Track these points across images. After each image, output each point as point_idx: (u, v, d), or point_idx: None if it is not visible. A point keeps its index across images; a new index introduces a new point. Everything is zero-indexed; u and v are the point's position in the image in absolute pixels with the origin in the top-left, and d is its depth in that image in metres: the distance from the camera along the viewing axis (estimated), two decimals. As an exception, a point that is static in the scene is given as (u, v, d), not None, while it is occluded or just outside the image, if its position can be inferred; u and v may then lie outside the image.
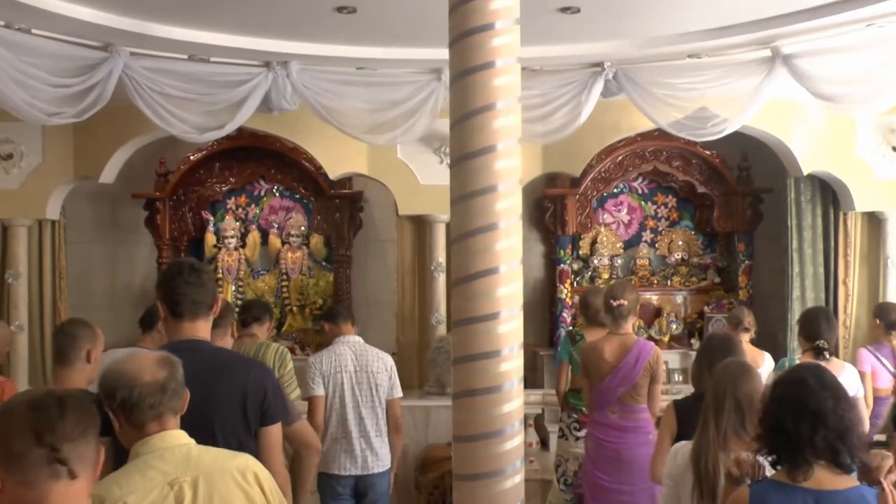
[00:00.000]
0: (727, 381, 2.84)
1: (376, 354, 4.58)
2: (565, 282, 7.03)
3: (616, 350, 4.44)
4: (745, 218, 7.07)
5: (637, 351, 4.37)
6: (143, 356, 2.22)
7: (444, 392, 6.20)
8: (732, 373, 2.87)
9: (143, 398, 2.11)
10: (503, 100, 3.32)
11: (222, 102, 5.57)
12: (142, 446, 2.12)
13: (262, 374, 2.72)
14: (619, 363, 4.40)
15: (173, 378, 2.17)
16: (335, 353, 4.54)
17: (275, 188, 7.37)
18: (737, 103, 5.62)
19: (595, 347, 4.54)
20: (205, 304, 2.70)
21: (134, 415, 2.12)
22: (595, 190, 7.17)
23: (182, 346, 2.57)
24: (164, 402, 2.14)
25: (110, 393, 2.13)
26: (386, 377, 4.55)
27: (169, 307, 2.68)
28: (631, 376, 4.34)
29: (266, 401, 2.65)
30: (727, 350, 3.41)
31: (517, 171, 3.41)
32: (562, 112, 5.80)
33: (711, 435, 2.80)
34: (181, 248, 7.26)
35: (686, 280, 7.24)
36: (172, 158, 7.12)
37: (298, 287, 7.14)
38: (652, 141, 6.98)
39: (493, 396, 3.27)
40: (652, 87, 5.68)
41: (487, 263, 3.31)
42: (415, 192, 6.59)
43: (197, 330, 2.69)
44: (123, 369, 2.15)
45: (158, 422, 2.14)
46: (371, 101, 5.85)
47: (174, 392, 2.16)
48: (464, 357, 3.33)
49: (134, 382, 2.12)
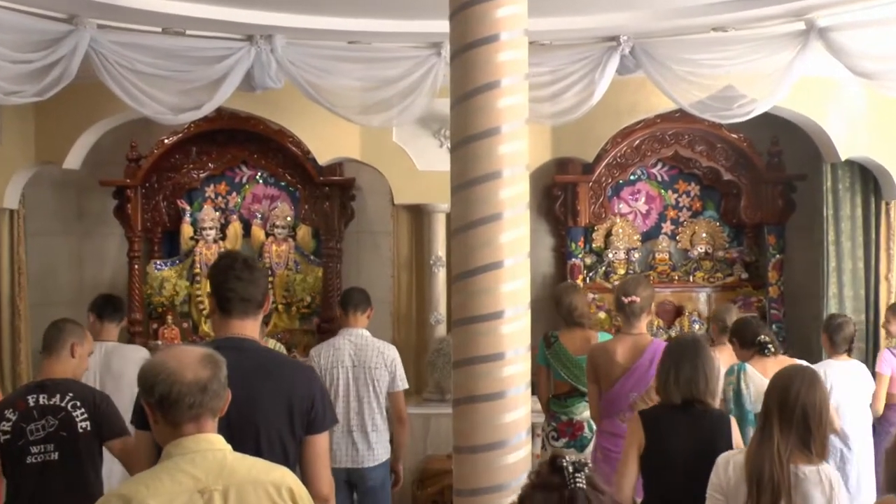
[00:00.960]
0: (795, 389, 2.86)
1: (377, 349, 4.89)
2: (577, 277, 7.03)
3: (628, 351, 4.45)
4: (776, 208, 7.07)
5: (652, 352, 4.38)
6: (188, 351, 2.27)
7: (444, 399, 6.21)
8: (800, 379, 2.89)
9: (182, 397, 2.16)
10: (509, 77, 3.33)
11: (200, 80, 5.57)
12: (174, 447, 2.18)
13: (310, 379, 2.84)
14: (632, 365, 4.41)
15: (216, 378, 2.22)
16: (334, 346, 4.89)
17: (258, 175, 7.38)
18: (767, 81, 5.62)
19: (605, 349, 4.56)
20: (255, 302, 2.80)
21: (171, 413, 2.17)
22: (610, 177, 7.17)
23: (228, 345, 2.68)
24: (204, 403, 2.19)
25: (149, 387, 2.19)
26: (385, 372, 4.87)
27: (218, 303, 2.80)
28: (645, 379, 4.35)
29: (314, 409, 2.76)
30: (695, 354, 3.43)
31: (524, 155, 3.42)
32: (573, 91, 5.80)
33: (777, 446, 2.81)
34: (154, 240, 7.27)
35: (710, 276, 7.25)
36: (144, 142, 7.12)
37: (284, 283, 7.16)
38: (672, 123, 6.98)
39: (497, 403, 3.29)
40: (672, 63, 5.68)
41: (491, 257, 3.32)
42: (412, 179, 6.59)
43: (245, 328, 2.80)
44: (164, 364, 2.20)
45: (196, 423, 2.19)
46: (364, 78, 5.85)
47: (215, 393, 2.21)
48: (465, 360, 3.35)
49: (174, 379, 2.17)
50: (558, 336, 5.12)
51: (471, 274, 3.34)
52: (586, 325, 5.18)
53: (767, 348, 4.54)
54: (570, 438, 5.07)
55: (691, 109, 5.88)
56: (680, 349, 3.53)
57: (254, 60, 5.59)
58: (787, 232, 7.15)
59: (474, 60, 3.31)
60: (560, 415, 5.10)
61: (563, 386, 5.11)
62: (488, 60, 3.30)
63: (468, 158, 3.35)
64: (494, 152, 3.32)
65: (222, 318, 2.80)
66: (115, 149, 7.10)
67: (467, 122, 3.35)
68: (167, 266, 7.15)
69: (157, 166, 7.13)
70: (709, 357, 3.48)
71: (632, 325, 4.49)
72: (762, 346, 4.55)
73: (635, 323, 4.48)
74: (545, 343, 5.17)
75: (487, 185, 3.32)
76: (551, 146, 6.70)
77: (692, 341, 3.63)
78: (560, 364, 5.07)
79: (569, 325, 5.11)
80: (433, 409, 6.27)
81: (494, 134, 3.31)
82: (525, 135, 3.41)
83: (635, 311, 4.44)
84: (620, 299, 4.49)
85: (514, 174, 3.36)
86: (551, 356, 5.10)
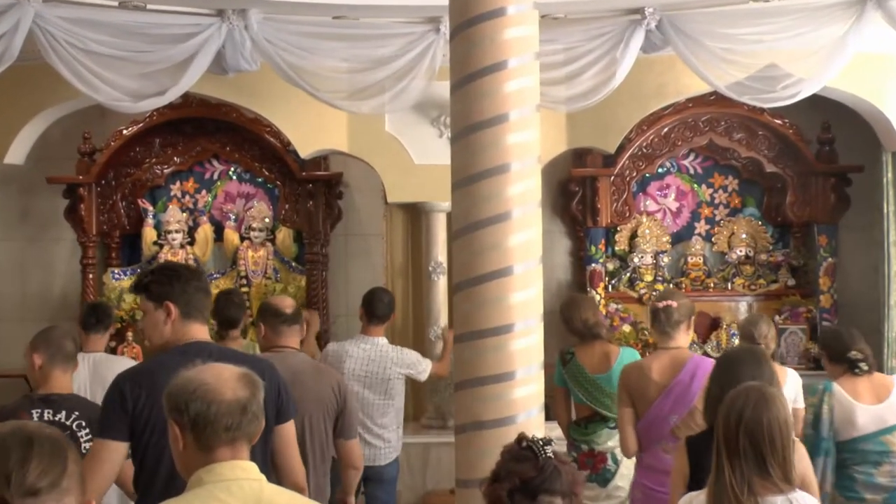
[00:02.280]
0: (736, 412, 2.84)
1: (391, 360, 5.30)
2: (598, 285, 7.06)
3: (666, 367, 4.44)
4: (828, 204, 7.09)
5: (693, 367, 4.36)
6: (225, 368, 2.33)
7: (446, 425, 6.23)
8: (744, 400, 2.85)
9: (219, 417, 2.21)
10: (517, 56, 3.36)
11: (163, 62, 5.60)
12: (207, 473, 2.20)
13: (272, 369, 3.22)
14: (671, 382, 4.41)
15: (255, 400, 2.27)
16: (348, 354, 5.28)
17: (231, 170, 7.40)
18: (815, 59, 5.65)
19: (638, 367, 4.55)
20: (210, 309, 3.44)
21: (205, 435, 2.21)
22: (635, 170, 7.20)
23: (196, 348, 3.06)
24: (242, 427, 2.23)
25: (181, 405, 2.23)
26: (401, 383, 5.39)
27: (182, 309, 3.21)
28: (686, 398, 4.31)
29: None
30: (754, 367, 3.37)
31: (535, 146, 3.45)
32: (591, 72, 5.82)
33: (727, 481, 2.81)
34: (112, 245, 7.29)
35: (751, 283, 7.27)
36: (100, 133, 7.15)
37: (262, 293, 7.17)
38: (706, 108, 7.01)
39: (506, 430, 3.30)
40: (706, 38, 5.70)
41: (499, 263, 3.34)
42: (407, 175, 6.62)
43: (202, 332, 3.28)
44: (202, 380, 2.25)
45: (231, 448, 2.23)
46: (351, 58, 5.87)
47: (254, 416, 2.26)
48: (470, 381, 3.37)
49: (213, 397, 2.22)
50: (574, 352, 5.13)
51: (475, 282, 3.36)
52: (604, 336, 5.21)
53: (858, 366, 4.47)
54: (592, 472, 5.06)
55: (728, 92, 5.90)
56: (733, 362, 3.46)
57: (225, 39, 5.61)
58: (841, 232, 7.17)
59: (478, 37, 3.34)
60: (580, 443, 5.09)
61: (583, 410, 5.13)
62: (494, 37, 3.33)
63: (471, 150, 3.38)
64: (502, 142, 3.35)
65: (184, 324, 3.20)
66: (64, 141, 7.13)
67: (470, 108, 3.38)
68: (126, 275, 7.16)
69: (115, 161, 7.16)
70: (769, 372, 3.42)
71: (669, 337, 4.47)
72: (852, 363, 4.48)
73: (673, 335, 4.46)
74: (561, 361, 5.18)
75: (494, 181, 3.35)
76: (567, 135, 6.72)
77: (749, 353, 3.58)
78: (577, 385, 5.08)
79: (585, 340, 5.12)
80: (433, 438, 6.29)
81: (501, 122, 3.34)
82: (536, 123, 3.44)
83: (671, 319, 4.41)
84: (654, 306, 4.47)
85: (524, 167, 3.39)
86: (568, 375, 5.11)
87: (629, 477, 4.89)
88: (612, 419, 4.98)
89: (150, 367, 3.24)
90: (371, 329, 5.36)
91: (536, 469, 2.15)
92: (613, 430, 4.99)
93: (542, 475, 2.15)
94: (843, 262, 7.16)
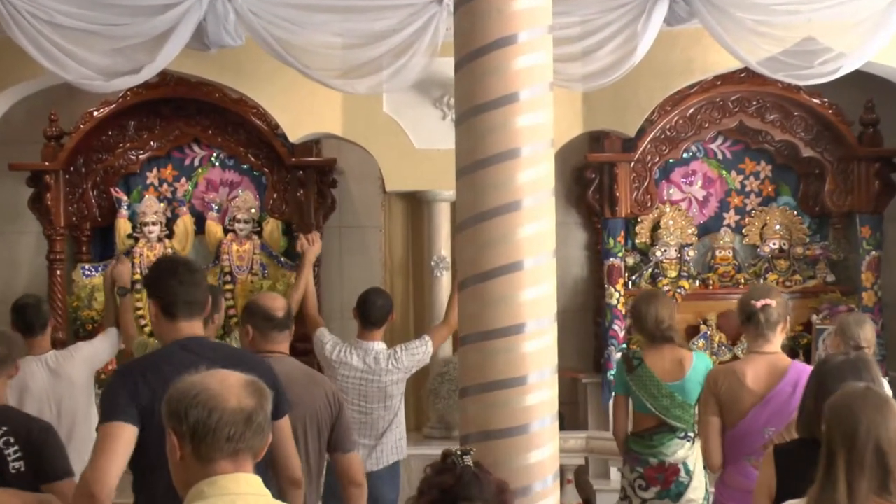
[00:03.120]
0: (865, 419, 2.78)
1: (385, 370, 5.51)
2: (617, 282, 7.06)
3: (763, 374, 4.40)
4: (871, 192, 7.09)
5: (795, 376, 4.32)
6: (229, 374, 2.34)
7: (450, 435, 6.25)
8: (873, 408, 2.80)
9: (221, 426, 2.22)
10: (528, 30, 3.37)
11: (138, 36, 5.60)
12: (209, 486, 2.22)
13: (268, 366, 3.47)
14: (769, 393, 4.38)
15: (262, 410, 2.29)
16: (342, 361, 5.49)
17: (214, 156, 7.41)
18: (858, 31, 5.65)
19: (731, 371, 4.51)
20: (198, 304, 3.48)
21: (205, 445, 2.22)
22: (657, 155, 7.19)
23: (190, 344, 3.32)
24: (246, 438, 2.25)
25: (180, 412, 2.24)
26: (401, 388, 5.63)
27: (163, 307, 3.41)
28: (786, 411, 4.27)
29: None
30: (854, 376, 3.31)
31: (548, 129, 3.45)
32: (609, 47, 5.83)
33: (841, 496, 2.77)
34: (82, 239, 7.30)
35: (787, 278, 7.27)
36: (68, 115, 7.15)
37: (247, 291, 7.18)
38: (736, 86, 7.00)
39: (516, 441, 3.32)
40: (736, 9, 5.70)
41: (508, 257, 3.35)
42: (407, 160, 6.62)
43: (195, 328, 3.44)
44: (203, 385, 2.27)
45: (234, 461, 2.24)
46: (346, 33, 5.88)
47: (259, 428, 2.28)
48: (477, 386, 3.38)
49: (214, 404, 2.23)
50: (643, 357, 5.09)
51: (482, 278, 3.37)
52: (676, 341, 5.13)
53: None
54: (663, 487, 5.03)
55: (761, 68, 5.90)
56: (836, 371, 3.42)
57: (207, 11, 5.61)
58: (886, 223, 7.17)
59: (485, 9, 3.35)
60: (647, 457, 5.04)
61: (648, 420, 5.07)
62: (502, 9, 3.33)
63: (478, 133, 3.39)
64: (511, 125, 3.35)
65: (168, 323, 3.40)
66: (29, 124, 7.13)
67: (476, 87, 3.39)
68: (98, 271, 7.17)
69: (85, 146, 7.16)
70: (877, 381, 3.40)
71: (766, 340, 4.43)
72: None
73: (770, 337, 4.43)
74: (625, 366, 5.15)
75: (502, 167, 3.35)
76: (583, 117, 6.72)
77: (854, 361, 3.52)
78: (646, 393, 5.02)
79: (655, 342, 5.06)
80: (437, 449, 6.22)
81: (511, 102, 3.35)
82: (549, 103, 3.44)
83: (770, 320, 4.40)
84: (749, 305, 4.43)
85: (535, 152, 3.39)
86: (634, 382, 5.04)
87: (702, 489, 4.90)
88: (679, 429, 4.99)
89: (153, 360, 3.46)
90: (366, 334, 5.54)
91: (455, 478, 2.40)
92: (683, 440, 5.00)
93: (459, 483, 2.38)
94: (888, 255, 7.16)
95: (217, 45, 5.79)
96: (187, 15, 5.58)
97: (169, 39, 5.58)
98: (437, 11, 5.74)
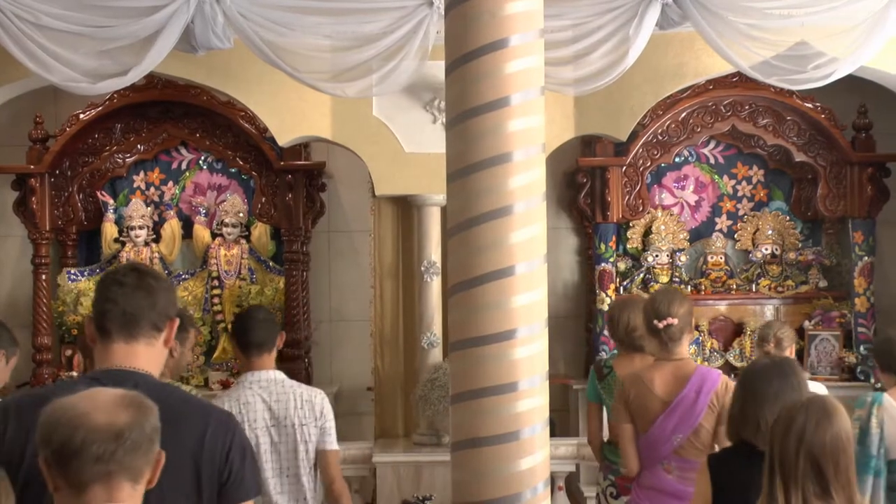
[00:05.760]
0: (797, 431, 2.82)
1: (301, 398, 4.36)
2: (608, 287, 7.08)
3: (669, 381, 4.47)
4: (864, 197, 7.12)
5: (699, 381, 4.40)
6: (106, 391, 2.14)
7: (440, 442, 6.25)
8: (804, 417, 2.84)
9: (87, 446, 2.00)
10: (520, 33, 3.37)
11: (125, 38, 5.59)
12: None
13: (227, 427, 2.61)
14: (675, 399, 4.44)
15: (138, 426, 2.06)
16: (240, 402, 4.29)
17: (201, 159, 7.41)
18: (852, 36, 5.66)
19: (639, 379, 4.56)
20: (146, 321, 2.61)
21: (72, 469, 2.01)
22: (649, 159, 7.22)
23: (105, 377, 2.49)
24: (117, 458, 2.02)
25: (46, 438, 2.04)
26: (315, 429, 4.36)
27: (96, 323, 2.64)
28: (692, 416, 4.37)
29: (230, 469, 2.56)
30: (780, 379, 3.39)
31: (539, 133, 3.46)
32: (601, 50, 5.83)
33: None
34: (67, 243, 7.30)
35: (779, 284, 7.30)
36: (53, 118, 7.15)
37: (235, 296, 7.19)
38: (729, 90, 7.03)
39: (507, 447, 3.32)
40: (729, 13, 5.71)
41: (499, 262, 3.35)
42: (397, 165, 6.63)
43: (134, 357, 2.60)
44: (71, 406, 2.06)
45: (105, 486, 2.03)
46: (336, 35, 5.87)
47: (135, 445, 2.05)
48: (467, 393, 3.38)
49: (80, 422, 2.02)
50: (612, 365, 5.09)
51: (473, 284, 3.37)
52: (647, 350, 5.09)
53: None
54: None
55: (753, 73, 5.92)
56: (763, 374, 3.47)
57: (195, 12, 5.60)
58: (879, 228, 7.20)
59: (476, 12, 3.35)
60: (619, 466, 5.01)
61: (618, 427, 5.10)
62: (494, 12, 3.34)
63: (469, 137, 3.39)
64: (502, 129, 3.36)
65: (102, 344, 2.61)
66: (14, 126, 7.14)
67: (467, 91, 3.39)
68: (84, 276, 7.18)
69: (70, 149, 7.16)
70: (803, 384, 3.44)
71: (670, 350, 4.51)
72: None
73: (674, 348, 4.50)
74: (596, 373, 5.16)
75: (493, 171, 3.36)
76: (574, 121, 6.73)
77: (780, 364, 3.57)
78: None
79: (626, 350, 5.03)
80: (426, 456, 6.30)
81: (502, 106, 3.35)
82: (541, 107, 3.45)
83: (673, 336, 4.47)
84: (652, 323, 4.49)
85: (527, 157, 3.40)
86: (604, 390, 5.07)
87: None
88: None
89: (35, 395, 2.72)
90: (254, 363, 4.36)
91: None
92: None
93: None
94: (881, 261, 7.19)
95: (205, 47, 5.79)
96: (175, 17, 5.57)
97: (156, 42, 5.57)
98: (428, 14, 5.74)
